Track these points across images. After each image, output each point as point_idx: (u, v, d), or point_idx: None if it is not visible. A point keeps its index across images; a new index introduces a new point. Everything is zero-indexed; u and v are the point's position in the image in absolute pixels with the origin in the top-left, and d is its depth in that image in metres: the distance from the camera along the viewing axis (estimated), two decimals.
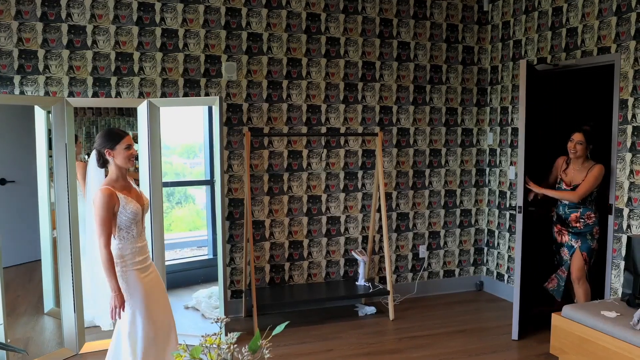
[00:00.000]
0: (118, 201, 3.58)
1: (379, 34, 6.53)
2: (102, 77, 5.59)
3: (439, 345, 5.41)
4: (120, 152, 3.67)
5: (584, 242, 5.38)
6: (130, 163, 3.74)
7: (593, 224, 5.36)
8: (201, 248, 7.14)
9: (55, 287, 5.37)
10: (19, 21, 5.30)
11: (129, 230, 3.64)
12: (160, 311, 3.80)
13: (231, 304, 6.06)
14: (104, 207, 3.54)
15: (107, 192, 3.57)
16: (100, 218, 3.54)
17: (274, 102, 6.17)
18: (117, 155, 3.67)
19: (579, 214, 5.36)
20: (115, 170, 3.70)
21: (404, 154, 6.76)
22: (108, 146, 3.66)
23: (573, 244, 5.41)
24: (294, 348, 5.30)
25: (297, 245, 6.40)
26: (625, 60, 5.23)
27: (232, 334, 2.21)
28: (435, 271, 7.08)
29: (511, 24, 6.65)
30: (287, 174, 6.28)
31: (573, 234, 5.41)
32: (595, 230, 5.38)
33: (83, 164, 5.49)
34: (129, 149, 3.70)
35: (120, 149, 3.67)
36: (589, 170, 5.28)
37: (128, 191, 3.71)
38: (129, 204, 3.62)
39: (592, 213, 5.34)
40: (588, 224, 5.35)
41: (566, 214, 5.43)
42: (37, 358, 4.85)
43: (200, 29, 5.86)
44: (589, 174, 5.26)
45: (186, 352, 2.15)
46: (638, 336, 4.03)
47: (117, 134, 3.73)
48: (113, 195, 3.58)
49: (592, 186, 5.24)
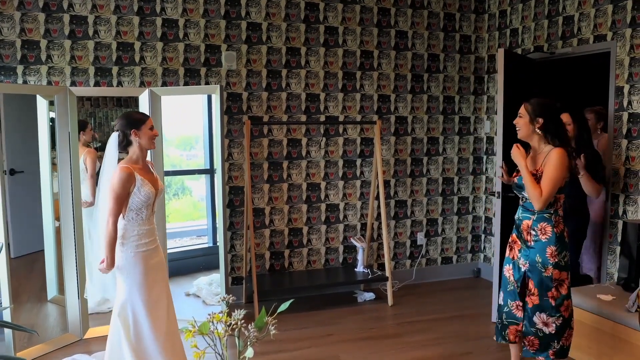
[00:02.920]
0: (135, 182, 3.62)
1: (377, 23, 6.58)
2: (103, 67, 5.64)
3: (437, 330, 5.48)
4: (146, 133, 3.72)
5: (533, 269, 3.84)
6: (154, 144, 3.79)
7: (548, 241, 3.78)
8: (201, 237, 7.20)
9: (58, 275, 5.43)
10: (21, 12, 5.34)
11: (139, 213, 3.69)
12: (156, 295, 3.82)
13: (232, 291, 6.13)
14: (121, 185, 3.58)
15: (126, 170, 3.61)
16: (115, 195, 3.58)
17: (274, 91, 6.22)
18: (142, 135, 3.71)
19: (531, 222, 3.87)
20: (137, 151, 3.74)
21: (402, 142, 6.82)
22: (134, 126, 3.70)
23: (520, 266, 3.94)
24: (295, 333, 5.37)
25: (296, 232, 6.47)
26: (621, 48, 5.29)
27: (239, 311, 2.27)
28: (433, 258, 7.16)
29: (508, 12, 6.70)
30: (286, 162, 6.34)
31: (524, 249, 3.92)
32: (550, 252, 3.77)
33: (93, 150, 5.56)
34: (152, 129, 3.77)
35: (145, 129, 3.72)
36: (546, 156, 3.81)
37: (146, 174, 3.76)
38: (145, 186, 3.65)
39: (548, 225, 3.80)
40: (540, 241, 3.81)
41: (519, 219, 3.99)
42: (43, 343, 4.93)
43: (200, 19, 5.91)
44: (547, 162, 3.77)
45: (195, 328, 2.21)
46: (633, 319, 4.11)
47: (141, 115, 3.82)
48: (131, 175, 3.62)
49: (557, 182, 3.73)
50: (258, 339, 2.28)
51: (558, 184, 3.71)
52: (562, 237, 3.80)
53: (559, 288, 3.81)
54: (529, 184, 3.76)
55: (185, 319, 3.56)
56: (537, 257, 3.80)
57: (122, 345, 3.74)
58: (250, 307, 5.82)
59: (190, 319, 2.37)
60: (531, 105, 3.85)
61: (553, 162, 3.70)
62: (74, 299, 5.20)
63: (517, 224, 3.97)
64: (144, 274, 3.73)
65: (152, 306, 3.76)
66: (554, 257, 3.76)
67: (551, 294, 3.79)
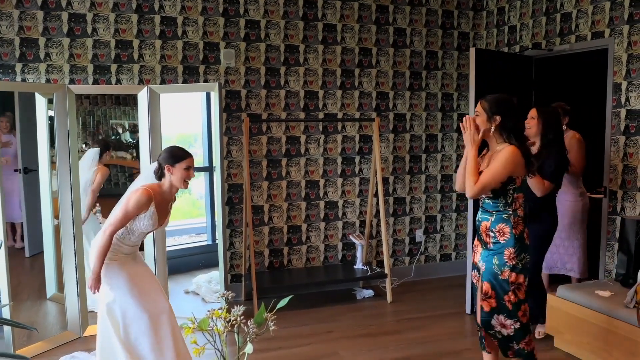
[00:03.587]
0: (147, 210, 3.67)
1: (375, 20, 6.59)
2: (102, 65, 5.64)
3: (436, 326, 5.49)
4: (179, 171, 3.74)
5: (488, 271, 3.60)
6: (185, 185, 3.80)
7: (507, 243, 3.54)
8: (200, 235, 7.21)
9: (57, 273, 5.43)
10: (20, 10, 5.35)
11: (131, 234, 3.76)
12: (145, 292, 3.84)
13: (231, 288, 6.11)
14: (136, 206, 3.63)
15: (147, 195, 3.65)
16: (125, 211, 3.63)
17: (272, 89, 6.23)
18: (175, 172, 3.74)
19: (489, 224, 3.62)
20: (167, 184, 3.78)
21: (400, 139, 6.83)
22: (170, 162, 3.74)
23: (480, 268, 3.69)
24: (294, 330, 5.38)
25: (295, 229, 6.48)
26: (618, 45, 5.30)
27: (238, 307, 2.28)
28: (432, 255, 7.17)
29: (506, 9, 6.71)
30: (285, 159, 6.35)
31: (484, 251, 3.68)
32: (509, 255, 3.53)
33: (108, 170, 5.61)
34: (188, 170, 3.78)
35: (179, 167, 3.74)
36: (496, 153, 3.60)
37: (161, 208, 3.78)
38: (152, 218, 3.70)
39: (506, 226, 3.54)
40: (498, 242, 3.57)
41: (479, 221, 3.74)
42: (42, 340, 4.93)
43: (199, 17, 5.91)
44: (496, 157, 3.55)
45: (194, 324, 2.22)
46: (631, 314, 4.12)
47: (181, 152, 3.80)
48: (149, 202, 3.66)
49: (497, 175, 3.48)
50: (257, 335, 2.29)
51: (498, 178, 3.47)
52: (522, 238, 3.56)
53: (517, 292, 3.57)
54: (469, 169, 3.55)
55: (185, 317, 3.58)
56: (495, 259, 3.56)
57: (112, 342, 3.76)
58: (250, 305, 5.82)
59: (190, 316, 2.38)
60: (487, 103, 3.59)
61: (500, 156, 3.49)
62: (73, 297, 5.20)
63: (477, 226, 3.75)
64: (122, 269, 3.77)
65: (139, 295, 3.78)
66: (511, 260, 3.52)
67: (508, 297, 3.56)
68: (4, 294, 4.60)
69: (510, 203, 3.53)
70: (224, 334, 2.29)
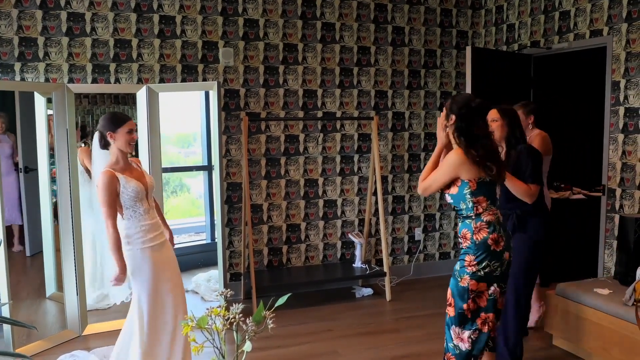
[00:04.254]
0: (119, 182, 3.66)
1: (373, 19, 6.59)
2: (101, 64, 5.64)
3: (435, 325, 5.48)
4: (122, 136, 3.73)
5: (452, 277, 3.49)
6: (130, 147, 3.79)
7: (468, 248, 3.40)
8: (199, 233, 7.21)
9: (57, 272, 5.44)
10: (18, 9, 5.35)
11: (135, 209, 3.72)
12: (170, 291, 3.85)
13: (230, 287, 6.05)
14: (105, 189, 3.62)
15: (107, 174, 3.65)
16: (103, 200, 3.63)
17: (271, 87, 6.23)
18: (118, 138, 3.73)
19: (458, 229, 3.53)
20: (116, 152, 3.76)
21: (399, 137, 6.84)
22: (110, 129, 3.72)
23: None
24: (293, 328, 5.39)
25: (294, 228, 6.48)
26: (617, 43, 5.31)
27: (237, 305, 2.29)
28: (431, 253, 7.17)
29: (504, 8, 6.71)
30: (284, 158, 6.35)
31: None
32: (469, 261, 3.37)
33: (87, 149, 5.56)
34: (130, 133, 3.77)
35: (122, 132, 3.73)
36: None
37: (129, 172, 3.78)
38: (129, 182, 3.68)
39: (468, 231, 3.40)
40: (462, 247, 3.47)
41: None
42: (42, 339, 4.94)
43: (198, 16, 5.91)
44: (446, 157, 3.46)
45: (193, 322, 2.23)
46: (630, 312, 4.13)
47: (120, 117, 3.79)
48: (113, 177, 3.65)
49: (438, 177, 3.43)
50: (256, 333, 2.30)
51: (439, 180, 3.40)
52: (484, 245, 3.33)
53: (477, 300, 3.39)
54: (426, 166, 3.53)
55: None
56: (457, 264, 3.44)
57: (132, 335, 3.82)
58: (249, 303, 5.82)
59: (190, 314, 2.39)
60: (449, 101, 3.47)
61: (445, 159, 3.40)
62: (72, 296, 5.21)
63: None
64: (153, 270, 3.75)
65: (155, 304, 3.78)
66: (471, 267, 3.34)
67: (467, 305, 3.38)
68: (4, 292, 4.61)
69: (472, 208, 3.37)
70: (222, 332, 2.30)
